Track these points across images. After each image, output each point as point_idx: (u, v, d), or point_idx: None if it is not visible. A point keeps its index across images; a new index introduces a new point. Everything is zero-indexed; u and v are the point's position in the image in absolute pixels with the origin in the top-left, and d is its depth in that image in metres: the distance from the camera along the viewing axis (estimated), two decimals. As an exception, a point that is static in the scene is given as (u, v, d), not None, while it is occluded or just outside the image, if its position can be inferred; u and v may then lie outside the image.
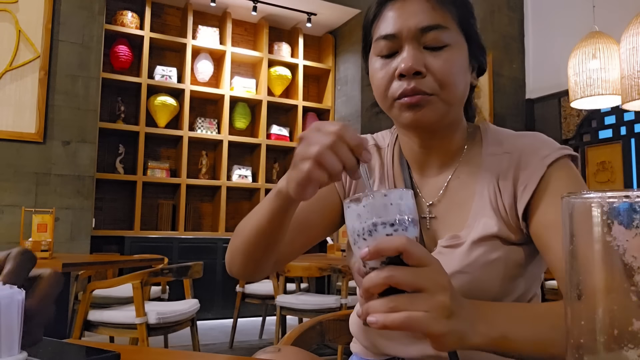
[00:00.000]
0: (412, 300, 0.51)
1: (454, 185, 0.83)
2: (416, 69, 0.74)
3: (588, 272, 0.33)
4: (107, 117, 4.56)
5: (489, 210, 0.78)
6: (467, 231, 0.79)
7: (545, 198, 0.74)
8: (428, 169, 0.86)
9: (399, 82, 0.76)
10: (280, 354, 0.80)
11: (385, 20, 0.78)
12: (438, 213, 0.83)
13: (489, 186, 0.80)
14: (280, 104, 5.24)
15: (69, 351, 0.65)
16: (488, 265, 0.76)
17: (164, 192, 4.83)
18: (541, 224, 0.74)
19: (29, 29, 3.60)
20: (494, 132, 0.85)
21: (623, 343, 0.32)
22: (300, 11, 5.06)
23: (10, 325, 0.52)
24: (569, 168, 0.77)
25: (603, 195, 0.32)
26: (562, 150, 0.77)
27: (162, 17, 4.97)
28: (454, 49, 0.77)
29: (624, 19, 3.47)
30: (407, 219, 0.53)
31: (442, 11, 0.76)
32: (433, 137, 0.83)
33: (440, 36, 0.76)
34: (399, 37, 0.76)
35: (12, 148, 3.48)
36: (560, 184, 0.74)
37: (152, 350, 0.98)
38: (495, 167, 0.80)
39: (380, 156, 0.92)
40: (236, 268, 0.83)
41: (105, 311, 2.32)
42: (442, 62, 0.75)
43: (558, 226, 0.69)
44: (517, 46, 5.71)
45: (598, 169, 4.99)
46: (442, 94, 0.76)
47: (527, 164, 0.77)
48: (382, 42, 0.78)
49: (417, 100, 0.75)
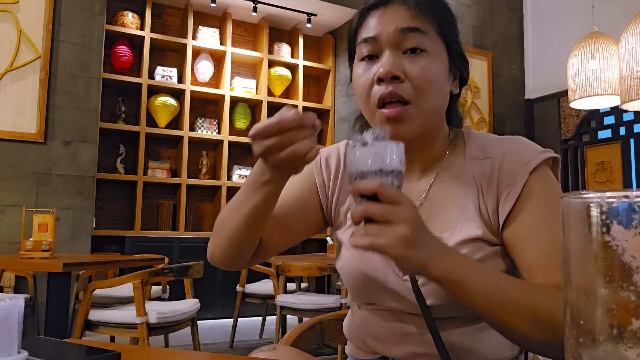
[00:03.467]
0: (379, 229, 0.60)
1: (436, 190, 0.85)
2: (394, 73, 0.76)
3: (587, 272, 0.34)
4: (108, 118, 4.57)
5: (472, 214, 0.80)
6: (449, 233, 0.80)
7: (524, 206, 0.76)
8: (410, 174, 0.88)
9: (378, 86, 0.78)
10: (275, 352, 0.82)
11: (367, 26, 0.82)
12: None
13: (472, 190, 0.81)
14: (280, 104, 5.23)
15: (70, 351, 0.65)
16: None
17: (165, 192, 4.83)
18: (515, 231, 0.76)
19: (29, 29, 3.60)
20: (476, 137, 0.87)
21: (622, 342, 0.32)
22: (300, 12, 5.06)
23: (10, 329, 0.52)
24: (547, 176, 0.79)
25: (602, 195, 0.33)
26: (542, 154, 0.79)
27: (163, 18, 4.97)
28: (431, 55, 0.79)
29: (623, 20, 3.47)
30: (388, 168, 0.62)
31: (421, 18, 0.79)
32: (414, 145, 0.84)
33: (419, 40, 0.78)
34: (379, 40, 0.79)
35: (12, 148, 3.48)
36: (539, 194, 0.77)
37: (153, 349, 0.99)
38: (477, 171, 0.82)
39: None
40: (219, 255, 0.87)
41: (106, 311, 2.32)
42: (420, 69, 0.77)
43: (531, 235, 0.75)
44: (517, 46, 5.71)
45: (597, 169, 4.99)
46: (418, 102, 0.77)
47: (510, 170, 0.79)
48: (363, 46, 0.81)
49: (395, 114, 0.77)
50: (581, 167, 5.16)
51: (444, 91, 0.82)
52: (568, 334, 0.35)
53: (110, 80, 4.41)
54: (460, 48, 0.85)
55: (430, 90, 0.78)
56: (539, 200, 0.76)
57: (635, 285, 0.31)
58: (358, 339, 0.89)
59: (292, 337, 0.97)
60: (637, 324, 0.31)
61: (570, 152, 5.26)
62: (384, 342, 0.84)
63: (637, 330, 0.31)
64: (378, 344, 0.84)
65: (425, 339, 0.78)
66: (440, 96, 0.80)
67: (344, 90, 5.27)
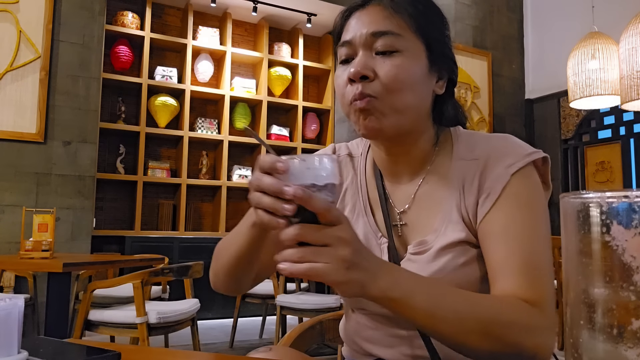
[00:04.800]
0: (316, 252, 0.58)
1: (423, 192, 0.85)
2: (362, 73, 0.76)
3: (586, 272, 0.34)
4: (108, 118, 4.57)
5: (455, 216, 0.79)
6: (433, 236, 0.80)
7: (501, 207, 0.76)
8: (398, 176, 0.87)
9: (351, 87, 0.78)
10: (272, 352, 0.82)
11: (347, 29, 0.82)
12: (409, 220, 0.85)
13: (455, 192, 0.81)
14: (280, 104, 5.24)
15: (70, 351, 0.65)
16: (458, 271, 0.77)
17: (165, 192, 4.83)
18: (488, 230, 0.76)
19: (29, 29, 3.60)
20: (465, 137, 0.85)
21: (622, 342, 0.32)
22: (300, 12, 5.06)
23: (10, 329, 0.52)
24: (530, 178, 0.78)
25: (602, 195, 0.33)
26: (527, 157, 0.78)
27: (163, 18, 4.97)
28: (406, 55, 0.78)
29: (623, 20, 3.47)
30: (322, 183, 0.60)
31: (397, 19, 0.78)
32: (396, 144, 0.84)
33: (391, 42, 0.77)
34: (354, 43, 0.80)
35: (13, 148, 3.48)
36: (518, 196, 0.76)
37: (153, 349, 0.99)
38: (462, 172, 0.81)
39: (354, 166, 0.94)
40: (219, 285, 0.87)
41: (106, 311, 2.32)
42: (390, 67, 0.76)
43: (502, 235, 0.74)
44: (517, 46, 5.71)
45: (597, 169, 4.99)
46: (387, 99, 0.77)
47: (492, 172, 0.78)
48: (341, 49, 0.82)
49: (364, 104, 0.76)
50: (581, 167, 5.16)
51: (419, 90, 0.80)
52: (568, 334, 0.35)
53: (110, 80, 4.41)
54: (444, 47, 0.84)
55: (400, 88, 0.77)
56: (517, 202, 0.75)
57: (635, 285, 0.31)
58: (352, 342, 0.90)
59: (292, 337, 0.97)
60: (637, 324, 0.31)
61: (570, 152, 5.26)
62: (377, 345, 0.84)
63: (637, 330, 0.31)
64: (371, 347, 0.85)
65: (416, 342, 0.79)
66: (413, 94, 0.78)
67: (344, 90, 5.26)
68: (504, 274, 0.72)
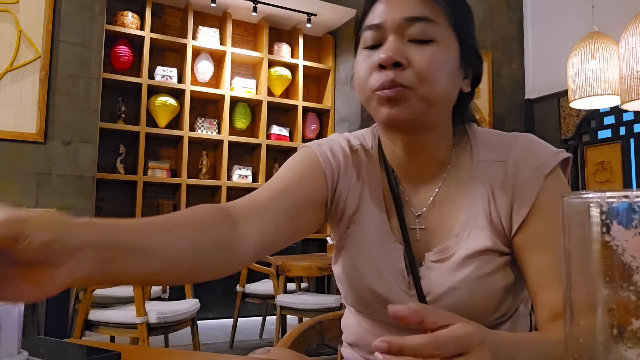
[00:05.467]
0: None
1: (444, 195, 0.80)
2: (396, 59, 0.71)
3: (587, 272, 0.34)
4: (108, 118, 4.56)
5: (482, 222, 0.76)
6: (454, 241, 0.76)
7: (538, 213, 0.73)
8: (415, 176, 0.82)
9: (378, 73, 0.72)
10: (270, 354, 0.80)
11: (373, 13, 0.76)
12: (427, 224, 0.80)
13: (482, 196, 0.77)
14: (280, 104, 5.24)
15: (70, 350, 0.65)
16: (481, 280, 0.74)
17: (165, 192, 4.83)
18: (527, 238, 0.73)
19: (29, 30, 3.60)
20: (483, 136, 0.82)
21: (622, 342, 0.32)
22: (300, 12, 5.06)
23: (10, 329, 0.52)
24: (561, 180, 0.75)
25: (602, 195, 0.33)
26: (557, 156, 0.75)
27: (163, 18, 4.97)
28: (440, 45, 0.73)
29: (623, 20, 3.47)
30: None
31: (432, 5, 0.73)
32: (415, 140, 0.78)
33: (426, 29, 0.72)
34: (384, 27, 0.74)
35: (12, 148, 3.48)
36: (553, 201, 0.73)
37: (153, 349, 0.99)
38: (488, 175, 0.77)
39: (368, 159, 0.86)
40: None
41: (106, 311, 2.32)
42: (425, 56, 0.71)
43: (542, 244, 0.71)
44: (517, 46, 5.71)
45: (597, 169, 4.99)
46: (420, 89, 0.71)
47: (524, 175, 0.75)
48: (367, 33, 0.76)
49: (394, 94, 0.71)
50: (581, 167, 5.16)
51: (451, 83, 0.75)
52: (568, 333, 0.35)
53: (110, 80, 4.41)
54: (474, 44, 0.80)
55: (435, 78, 0.71)
56: (553, 207, 0.72)
57: (635, 285, 0.31)
58: (353, 343, 0.88)
59: (292, 337, 0.97)
60: (637, 324, 0.31)
61: (570, 152, 5.25)
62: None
63: (637, 330, 0.31)
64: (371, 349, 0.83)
65: None
66: (445, 86, 0.74)
67: (344, 90, 5.27)
68: (551, 285, 0.68)
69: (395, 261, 0.79)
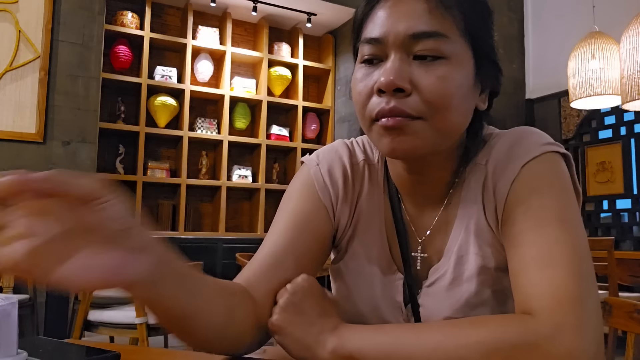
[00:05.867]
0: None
1: (444, 216, 0.71)
2: (398, 85, 0.60)
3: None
4: (107, 117, 4.56)
5: (472, 237, 0.67)
6: (444, 261, 0.69)
7: (513, 209, 0.62)
8: (420, 198, 0.73)
9: (378, 98, 0.63)
10: (266, 354, 0.79)
11: (373, 21, 0.66)
12: (429, 250, 0.72)
13: (471, 206, 0.68)
14: (280, 104, 5.24)
15: (69, 351, 0.65)
16: (482, 308, 0.66)
17: (164, 192, 4.82)
18: (507, 236, 0.63)
19: (29, 29, 3.59)
20: (489, 137, 0.73)
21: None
22: (300, 11, 5.06)
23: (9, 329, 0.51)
24: (547, 164, 0.64)
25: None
26: (542, 147, 0.65)
27: (162, 17, 4.97)
28: (453, 63, 0.62)
29: (624, 19, 3.47)
30: None
31: (443, 15, 0.62)
32: (423, 164, 0.69)
33: (436, 45, 0.61)
34: (385, 42, 0.63)
35: (12, 148, 3.48)
36: (532, 189, 0.62)
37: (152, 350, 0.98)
38: (475, 180, 0.69)
39: (371, 177, 0.77)
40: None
41: (106, 311, 2.32)
42: (435, 79, 0.61)
43: (516, 242, 0.60)
44: (517, 46, 5.72)
45: (598, 169, 4.99)
46: (431, 119, 0.61)
47: (503, 168, 0.65)
48: (366, 47, 0.66)
49: (395, 123, 0.61)
50: (582, 167, 5.15)
51: (466, 107, 0.66)
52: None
53: (110, 80, 4.41)
54: (493, 52, 0.70)
55: (448, 105, 0.61)
56: (531, 197, 0.61)
57: None
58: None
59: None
60: None
61: (570, 152, 5.24)
62: None
63: None
64: None
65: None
66: (460, 113, 0.64)
67: (344, 90, 5.26)
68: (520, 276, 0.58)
69: (393, 293, 0.73)
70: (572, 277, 0.54)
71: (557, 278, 0.54)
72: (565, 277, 0.54)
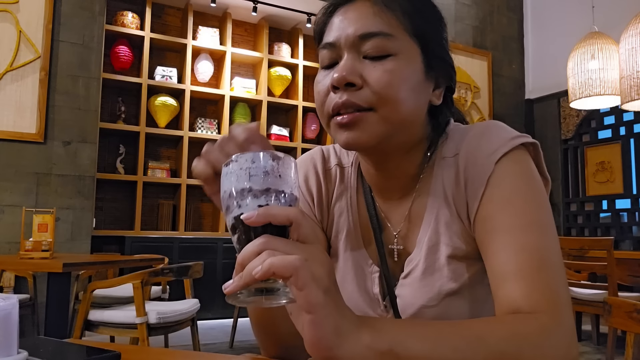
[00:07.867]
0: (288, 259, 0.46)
1: (416, 208, 0.75)
2: (348, 80, 0.66)
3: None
4: (108, 118, 4.57)
5: (443, 227, 0.71)
6: (416, 251, 0.73)
7: (489, 202, 0.66)
8: (391, 193, 0.77)
9: (333, 94, 0.68)
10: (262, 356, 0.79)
11: (330, 29, 0.71)
12: (404, 241, 0.76)
13: (440, 197, 0.72)
14: (280, 104, 5.24)
15: (70, 351, 0.65)
16: (455, 296, 0.69)
17: (165, 192, 4.83)
18: (482, 233, 0.66)
19: (29, 30, 3.60)
20: (454, 132, 0.76)
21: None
22: (300, 11, 5.06)
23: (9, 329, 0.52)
24: (518, 162, 0.68)
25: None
26: (511, 141, 0.68)
27: (163, 18, 4.97)
28: (400, 59, 0.67)
29: (623, 20, 3.47)
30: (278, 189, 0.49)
31: (388, 17, 0.68)
32: (386, 159, 0.74)
33: (382, 44, 0.67)
34: (338, 45, 0.69)
35: (12, 148, 3.48)
36: (506, 185, 0.66)
37: (153, 350, 0.98)
38: (445, 173, 0.72)
39: (344, 178, 0.83)
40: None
41: (106, 311, 2.32)
42: (382, 72, 0.66)
43: (496, 235, 0.64)
44: (517, 47, 5.72)
45: (597, 169, 4.99)
46: (381, 110, 0.66)
47: (475, 164, 0.69)
48: (323, 52, 0.71)
49: (348, 120, 0.66)
50: (581, 167, 5.16)
51: (416, 100, 0.70)
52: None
53: (110, 80, 4.41)
54: (441, 50, 0.74)
55: (396, 96, 0.66)
56: (506, 192, 0.65)
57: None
58: None
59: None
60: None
61: (570, 152, 5.26)
62: None
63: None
64: None
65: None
66: (409, 105, 0.68)
67: (344, 90, 5.26)
68: (505, 280, 0.61)
69: (370, 287, 0.76)
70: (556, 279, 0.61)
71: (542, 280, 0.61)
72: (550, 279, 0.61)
